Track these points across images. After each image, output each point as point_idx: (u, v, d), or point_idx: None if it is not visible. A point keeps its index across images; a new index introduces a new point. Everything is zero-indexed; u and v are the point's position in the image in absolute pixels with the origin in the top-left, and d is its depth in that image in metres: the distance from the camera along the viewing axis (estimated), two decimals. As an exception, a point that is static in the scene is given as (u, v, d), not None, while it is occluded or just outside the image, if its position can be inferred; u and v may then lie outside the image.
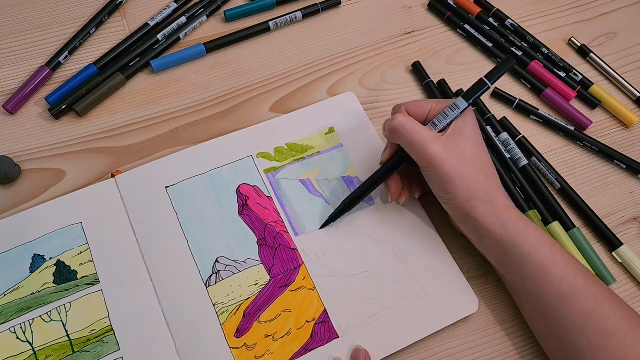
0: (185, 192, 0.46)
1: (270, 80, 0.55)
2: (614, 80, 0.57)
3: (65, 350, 0.40)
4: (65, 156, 0.49)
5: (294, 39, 0.57)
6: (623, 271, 0.47)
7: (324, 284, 0.44)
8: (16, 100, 0.50)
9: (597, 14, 0.62)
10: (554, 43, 0.59)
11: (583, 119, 0.54)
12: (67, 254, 0.43)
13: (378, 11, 0.60)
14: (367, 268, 0.45)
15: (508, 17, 0.60)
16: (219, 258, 0.44)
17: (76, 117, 0.51)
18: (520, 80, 0.56)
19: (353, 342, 0.42)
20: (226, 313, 0.42)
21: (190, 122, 0.52)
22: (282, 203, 0.47)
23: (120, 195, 0.46)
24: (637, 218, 0.50)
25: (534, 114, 0.54)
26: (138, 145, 0.50)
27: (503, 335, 0.44)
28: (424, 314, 0.43)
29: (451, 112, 0.42)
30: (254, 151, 0.49)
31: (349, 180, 0.48)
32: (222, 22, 0.58)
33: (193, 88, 0.54)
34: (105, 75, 0.52)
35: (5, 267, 0.43)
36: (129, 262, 0.43)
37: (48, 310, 0.41)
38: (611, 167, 0.52)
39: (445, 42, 0.59)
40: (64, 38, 0.55)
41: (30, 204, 0.46)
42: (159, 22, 0.56)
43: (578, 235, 0.47)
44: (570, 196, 0.49)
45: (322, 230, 0.46)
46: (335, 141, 0.50)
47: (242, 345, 0.41)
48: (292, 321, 0.42)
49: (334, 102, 0.52)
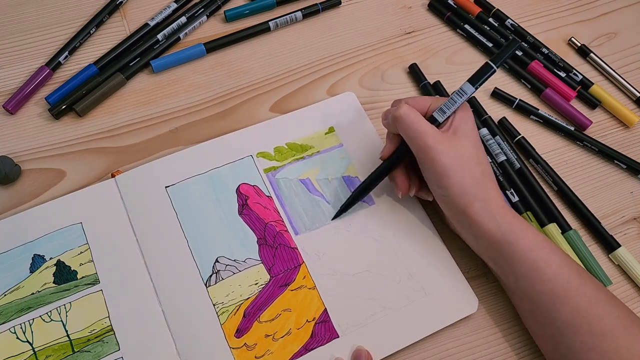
0: (185, 191, 0.46)
1: (270, 80, 0.55)
2: (614, 80, 0.57)
3: (65, 350, 0.40)
4: (65, 156, 0.49)
5: (294, 39, 0.57)
6: (620, 273, 0.47)
7: (324, 283, 0.44)
8: (16, 100, 0.50)
9: (597, 14, 0.62)
10: (554, 43, 0.59)
11: (583, 119, 0.54)
12: (67, 254, 0.43)
13: (378, 11, 0.60)
14: (367, 267, 0.45)
15: (508, 17, 0.60)
16: (219, 258, 0.44)
17: (76, 117, 0.51)
18: (520, 80, 0.57)
19: (353, 342, 0.42)
20: (226, 313, 0.42)
21: (190, 122, 0.52)
22: (282, 202, 0.47)
23: (120, 195, 0.46)
24: (637, 218, 0.50)
25: (534, 114, 0.54)
26: (138, 145, 0.50)
27: (502, 335, 0.44)
28: (424, 314, 0.43)
29: (458, 97, 0.42)
30: (253, 151, 0.49)
31: (348, 180, 0.48)
32: (222, 22, 0.58)
33: (193, 88, 0.54)
34: (105, 75, 0.52)
35: (5, 267, 0.43)
36: (129, 262, 0.43)
37: (48, 310, 0.41)
38: (611, 167, 0.52)
39: (445, 42, 0.59)
40: (64, 38, 0.55)
41: (30, 204, 0.46)
42: (159, 22, 0.56)
43: (574, 237, 0.47)
44: (568, 197, 0.49)
45: (322, 230, 0.46)
46: (335, 141, 0.50)
47: (242, 345, 0.41)
48: (292, 321, 0.42)
49: (334, 102, 0.52)
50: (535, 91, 0.56)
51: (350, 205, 0.46)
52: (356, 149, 0.50)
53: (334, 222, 0.46)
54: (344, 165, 0.49)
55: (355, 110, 0.52)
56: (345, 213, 0.46)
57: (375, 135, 0.51)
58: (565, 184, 0.50)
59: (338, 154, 0.49)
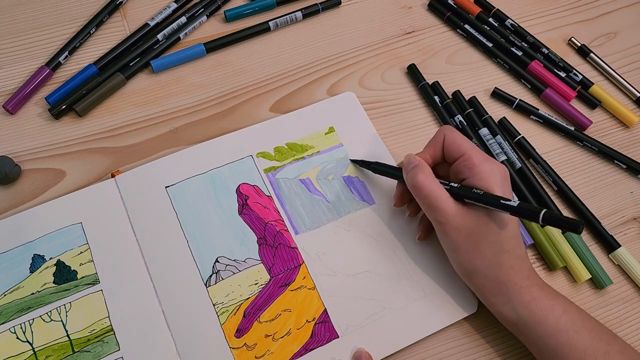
0: (185, 191, 0.46)
1: (270, 80, 0.55)
2: (614, 80, 0.57)
3: (65, 350, 0.40)
4: (65, 156, 0.49)
5: (294, 39, 0.57)
6: (620, 273, 0.47)
7: (324, 283, 0.44)
8: (16, 100, 0.50)
9: (597, 14, 0.62)
10: (554, 43, 0.59)
11: (583, 119, 0.54)
12: (67, 254, 0.43)
13: (378, 11, 0.60)
14: (367, 267, 0.45)
15: (508, 17, 0.60)
16: (219, 258, 0.44)
17: (76, 117, 0.51)
18: (520, 80, 0.57)
19: (353, 342, 0.42)
20: (226, 313, 0.42)
21: (190, 122, 0.52)
22: (282, 202, 0.47)
23: (120, 195, 0.46)
24: (637, 218, 0.50)
25: (534, 114, 0.54)
26: (138, 145, 0.50)
27: (502, 335, 0.44)
28: (424, 314, 0.43)
29: (495, 201, 0.37)
30: (253, 151, 0.49)
31: (348, 180, 0.48)
32: (222, 22, 0.58)
33: (193, 88, 0.54)
34: (105, 75, 0.52)
35: (5, 267, 0.43)
36: (129, 262, 0.43)
37: (48, 310, 0.41)
38: (611, 167, 0.52)
39: (445, 42, 0.59)
40: (64, 38, 0.55)
41: (30, 204, 0.46)
42: (159, 22, 0.56)
43: (575, 237, 0.47)
44: (568, 197, 0.49)
45: (322, 229, 0.46)
46: (335, 141, 0.50)
47: (242, 345, 0.41)
48: (292, 321, 0.42)
49: (334, 102, 0.52)
50: (535, 91, 0.56)
51: (365, 165, 0.47)
52: (356, 149, 0.50)
53: (333, 222, 0.46)
54: (344, 165, 0.49)
55: (355, 110, 0.52)
56: (344, 213, 0.46)
57: (375, 135, 0.51)
58: (565, 184, 0.50)
59: (338, 154, 0.49)
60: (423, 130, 0.53)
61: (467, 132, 0.52)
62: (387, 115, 0.53)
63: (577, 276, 0.45)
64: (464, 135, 0.43)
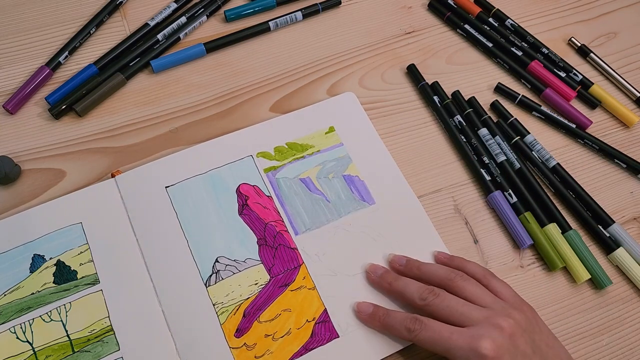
0: (185, 192, 0.46)
1: (270, 80, 0.55)
2: (614, 80, 0.57)
3: (65, 350, 0.40)
4: (65, 156, 0.49)
5: (294, 39, 0.57)
6: (619, 272, 0.47)
7: (324, 284, 0.44)
8: (16, 100, 0.50)
9: (597, 14, 0.62)
10: (554, 43, 0.59)
11: (583, 119, 0.54)
12: (67, 254, 0.43)
13: (378, 11, 0.60)
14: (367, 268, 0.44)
15: (508, 17, 0.60)
16: (219, 258, 0.44)
17: (76, 117, 0.51)
18: (520, 80, 0.56)
19: (353, 342, 0.42)
20: (226, 313, 0.42)
21: (190, 122, 0.52)
22: (282, 202, 0.47)
23: (120, 195, 0.46)
24: (637, 218, 0.50)
25: (536, 110, 0.54)
26: (138, 145, 0.50)
27: (503, 335, 0.44)
28: (424, 314, 0.43)
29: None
30: (253, 151, 0.49)
31: (349, 179, 0.48)
32: (222, 22, 0.58)
33: (193, 88, 0.54)
34: (105, 75, 0.52)
35: (5, 267, 0.43)
36: (129, 262, 0.43)
37: (48, 310, 0.41)
38: (611, 166, 0.52)
39: (445, 42, 0.59)
40: (64, 38, 0.55)
41: (30, 204, 0.46)
42: (159, 22, 0.56)
43: (574, 237, 0.47)
44: (567, 198, 0.49)
45: (322, 230, 0.46)
46: (335, 140, 0.50)
47: (242, 345, 0.41)
48: (292, 321, 0.42)
49: (334, 102, 0.52)
50: (536, 91, 0.56)
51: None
52: (357, 148, 0.50)
53: (333, 222, 0.46)
54: (344, 164, 0.49)
55: (355, 110, 0.52)
56: (344, 213, 0.46)
57: (375, 135, 0.51)
58: (565, 184, 0.50)
59: (338, 153, 0.49)
60: (423, 130, 0.53)
61: (467, 132, 0.52)
62: (387, 115, 0.53)
63: (576, 276, 0.45)
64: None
